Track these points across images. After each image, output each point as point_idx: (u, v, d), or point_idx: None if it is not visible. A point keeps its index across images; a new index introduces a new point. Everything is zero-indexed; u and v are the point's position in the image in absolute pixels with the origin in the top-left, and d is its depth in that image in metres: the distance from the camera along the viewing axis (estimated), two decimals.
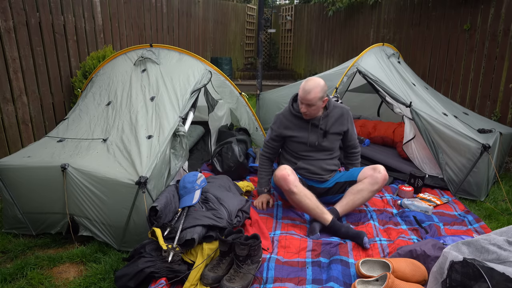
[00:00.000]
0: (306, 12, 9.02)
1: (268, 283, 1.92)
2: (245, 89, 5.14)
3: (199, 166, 3.48)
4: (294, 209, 2.76)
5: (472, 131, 3.10)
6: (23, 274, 2.02)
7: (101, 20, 4.33)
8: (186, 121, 2.69)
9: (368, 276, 1.91)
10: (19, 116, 3.41)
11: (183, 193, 2.32)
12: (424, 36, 5.23)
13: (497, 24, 4.11)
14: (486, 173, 2.91)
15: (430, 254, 1.93)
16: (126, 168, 2.20)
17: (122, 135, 2.48)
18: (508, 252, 1.48)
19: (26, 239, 2.35)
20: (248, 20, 10.17)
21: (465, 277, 1.43)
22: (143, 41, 5.30)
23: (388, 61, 3.68)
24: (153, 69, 2.92)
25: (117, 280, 1.85)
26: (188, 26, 6.88)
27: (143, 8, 5.26)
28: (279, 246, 2.26)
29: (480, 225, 2.53)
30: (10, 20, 3.24)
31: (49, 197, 2.28)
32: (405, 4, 5.63)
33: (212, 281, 1.87)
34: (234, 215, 2.30)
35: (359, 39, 7.01)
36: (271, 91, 4.67)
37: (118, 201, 2.16)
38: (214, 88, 3.31)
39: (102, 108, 2.81)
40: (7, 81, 3.27)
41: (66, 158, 2.28)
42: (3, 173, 2.32)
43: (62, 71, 3.83)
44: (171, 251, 1.89)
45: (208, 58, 7.87)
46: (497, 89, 4.14)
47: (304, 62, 9.29)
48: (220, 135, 3.89)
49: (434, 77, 5.07)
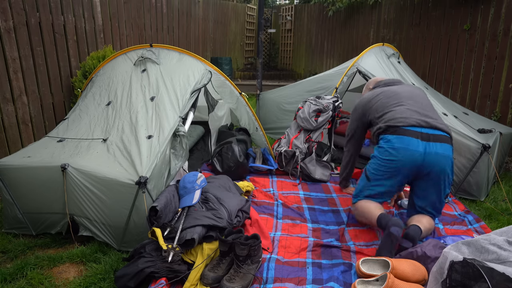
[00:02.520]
0: (306, 12, 9.02)
1: (268, 283, 1.92)
2: (245, 89, 5.14)
3: (199, 166, 3.48)
4: (294, 209, 2.76)
5: (472, 131, 3.10)
6: (23, 274, 2.02)
7: (101, 20, 4.33)
8: (186, 121, 2.69)
9: (369, 275, 1.91)
10: (19, 116, 3.41)
11: (183, 193, 2.32)
12: (424, 36, 5.23)
13: (497, 24, 4.11)
14: (486, 173, 2.91)
15: (431, 255, 1.93)
16: (126, 168, 2.20)
17: (122, 135, 2.48)
18: (508, 252, 1.48)
19: (26, 239, 2.35)
20: (248, 20, 10.17)
21: (465, 277, 1.43)
22: (143, 41, 5.30)
23: (388, 61, 3.68)
24: (153, 69, 2.92)
25: (117, 280, 1.85)
26: (188, 26, 6.88)
27: (143, 8, 5.26)
28: (279, 246, 2.26)
29: (480, 225, 2.53)
30: (10, 20, 3.24)
31: (49, 197, 2.28)
32: (405, 4, 5.63)
33: (212, 281, 1.87)
34: (234, 215, 2.30)
35: (359, 39, 7.01)
36: (271, 91, 4.67)
37: (118, 201, 2.16)
38: (214, 88, 3.31)
39: (102, 108, 2.81)
40: (7, 81, 3.27)
41: (66, 158, 2.28)
42: (3, 173, 2.32)
43: (62, 71, 3.83)
44: (171, 251, 1.89)
45: (208, 58, 7.87)
46: (497, 89, 4.14)
47: (304, 62, 9.29)
48: (220, 135, 3.89)
49: (434, 77, 5.07)
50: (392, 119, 2.33)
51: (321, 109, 3.45)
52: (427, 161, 2.20)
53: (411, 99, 2.44)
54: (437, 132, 2.25)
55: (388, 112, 2.40)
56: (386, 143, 2.29)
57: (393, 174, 2.27)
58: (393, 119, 2.33)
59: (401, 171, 2.24)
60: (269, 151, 3.57)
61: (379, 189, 2.34)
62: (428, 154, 2.19)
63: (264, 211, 2.70)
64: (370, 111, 2.55)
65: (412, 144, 2.20)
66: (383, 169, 2.29)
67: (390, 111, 2.40)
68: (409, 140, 2.21)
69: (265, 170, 3.45)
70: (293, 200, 2.91)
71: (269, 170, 3.46)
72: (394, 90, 2.56)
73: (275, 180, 3.32)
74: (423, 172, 2.23)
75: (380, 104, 2.50)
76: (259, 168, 3.42)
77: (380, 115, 2.45)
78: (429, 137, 2.22)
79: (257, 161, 3.53)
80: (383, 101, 2.50)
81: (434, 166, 2.20)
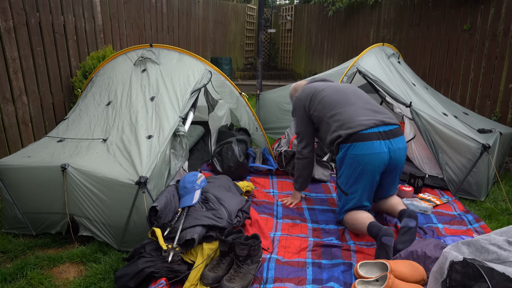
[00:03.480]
0: (306, 12, 9.02)
1: (268, 283, 1.92)
2: (245, 89, 5.14)
3: (199, 166, 3.48)
4: (294, 208, 2.76)
5: (472, 131, 3.11)
6: (23, 274, 2.02)
7: (101, 20, 4.33)
8: (186, 121, 2.69)
9: (367, 278, 1.91)
10: (19, 116, 3.41)
11: (183, 193, 2.32)
12: (424, 36, 5.23)
13: (497, 24, 4.11)
14: (486, 173, 2.91)
15: (431, 255, 1.93)
16: (126, 168, 2.20)
17: (122, 135, 2.48)
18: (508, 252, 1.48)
19: (26, 239, 2.35)
20: (248, 20, 10.17)
21: (465, 277, 1.42)
22: (143, 41, 5.30)
23: (388, 61, 3.68)
24: (153, 69, 2.92)
25: (117, 280, 1.85)
26: (188, 26, 6.88)
27: (143, 8, 5.26)
28: (279, 246, 2.26)
29: (480, 225, 2.53)
30: (10, 20, 3.24)
31: (49, 197, 2.28)
32: (405, 4, 5.63)
33: (212, 281, 1.87)
34: (234, 215, 2.30)
35: (359, 39, 7.01)
36: (271, 91, 4.67)
37: (118, 201, 2.16)
38: (214, 88, 3.31)
39: (102, 108, 2.81)
40: (7, 81, 3.27)
41: (66, 158, 2.28)
42: (3, 173, 2.32)
43: (62, 71, 3.83)
44: (171, 251, 1.89)
45: (208, 58, 7.87)
46: (497, 89, 4.14)
47: (304, 62, 9.29)
48: (220, 135, 3.89)
49: (434, 77, 5.07)
50: (349, 123, 2.30)
51: None
52: (393, 157, 2.30)
53: (355, 95, 2.47)
54: (391, 127, 2.33)
55: (341, 113, 2.37)
56: (352, 151, 2.27)
57: (363, 176, 2.29)
58: (349, 123, 2.30)
59: (371, 172, 2.28)
60: (269, 151, 3.57)
61: (357, 196, 2.35)
62: (392, 151, 2.29)
63: (264, 211, 2.70)
64: (316, 107, 2.49)
65: (376, 147, 2.24)
66: (354, 175, 2.31)
67: (342, 111, 2.37)
68: (372, 144, 2.24)
69: (265, 170, 3.45)
70: None
71: (269, 170, 3.46)
72: (334, 86, 2.56)
73: (275, 180, 3.32)
74: (390, 167, 2.35)
75: (328, 100, 2.45)
76: (259, 168, 3.42)
77: (333, 114, 2.40)
78: (387, 134, 2.29)
79: (257, 161, 3.53)
80: (331, 97, 2.46)
81: (400, 160, 2.34)
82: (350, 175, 2.32)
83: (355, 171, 2.29)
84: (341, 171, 2.38)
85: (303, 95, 2.61)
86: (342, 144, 2.31)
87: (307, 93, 2.59)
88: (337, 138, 2.32)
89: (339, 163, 2.37)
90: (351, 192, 2.35)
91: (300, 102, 2.61)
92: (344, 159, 2.32)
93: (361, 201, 2.35)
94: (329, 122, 2.40)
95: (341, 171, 2.38)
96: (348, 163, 2.30)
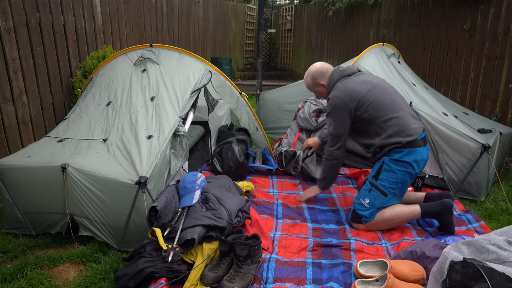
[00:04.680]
0: (306, 12, 9.02)
1: (268, 283, 1.92)
2: (245, 89, 5.14)
3: (199, 166, 3.48)
4: (294, 208, 2.76)
5: (472, 131, 3.10)
6: (23, 274, 2.02)
7: (101, 20, 4.33)
8: (186, 121, 2.69)
9: (367, 277, 1.91)
10: (19, 116, 3.41)
11: (183, 193, 2.32)
12: (424, 36, 5.23)
13: (497, 24, 4.11)
14: (486, 173, 2.91)
15: (431, 255, 1.93)
16: (126, 168, 2.20)
17: (122, 135, 2.48)
18: (508, 252, 1.48)
19: (26, 239, 2.35)
20: (248, 20, 10.17)
21: (465, 277, 1.42)
22: (143, 41, 5.30)
23: (388, 61, 3.68)
24: (153, 69, 2.92)
25: (117, 280, 1.85)
26: (188, 26, 6.88)
27: (143, 8, 5.26)
28: (279, 246, 2.26)
29: (480, 224, 2.53)
30: (10, 20, 3.24)
31: (49, 197, 2.28)
32: (405, 4, 5.63)
33: (212, 281, 1.87)
34: (234, 215, 2.30)
35: (359, 39, 7.01)
36: (271, 91, 4.67)
37: (118, 201, 2.16)
38: (214, 88, 3.30)
39: (102, 108, 2.81)
40: (7, 81, 3.27)
41: (66, 158, 2.28)
42: (3, 173, 2.32)
43: (62, 71, 3.83)
44: (171, 251, 1.89)
45: (208, 58, 7.87)
46: (497, 89, 4.13)
47: (304, 62, 9.29)
48: (220, 135, 3.89)
49: (434, 77, 5.06)
50: (407, 130, 2.39)
51: (322, 109, 3.45)
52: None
53: (398, 97, 2.53)
54: (424, 133, 2.49)
55: (397, 118, 2.41)
56: (409, 157, 2.38)
57: (411, 179, 2.46)
58: (408, 130, 2.39)
59: (415, 175, 2.46)
60: (269, 151, 3.57)
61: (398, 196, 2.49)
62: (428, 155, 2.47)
63: (264, 211, 2.70)
64: (366, 108, 2.42)
65: (425, 153, 2.43)
66: (405, 178, 2.42)
67: (397, 116, 2.41)
68: (423, 150, 2.41)
69: (265, 170, 3.45)
70: (293, 200, 2.91)
71: (269, 170, 3.46)
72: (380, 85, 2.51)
73: (275, 180, 3.32)
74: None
75: (381, 103, 2.42)
76: (259, 168, 3.42)
77: (388, 118, 2.40)
78: (424, 141, 2.46)
79: (257, 161, 3.53)
80: (381, 99, 2.43)
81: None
82: (400, 178, 2.41)
83: (406, 174, 2.41)
84: (386, 174, 2.43)
85: (347, 97, 2.44)
86: (398, 149, 2.40)
87: (352, 96, 2.45)
88: (395, 143, 2.39)
89: (387, 166, 2.42)
90: (393, 193, 2.44)
91: (345, 105, 2.46)
92: (397, 163, 2.40)
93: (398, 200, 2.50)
94: (383, 126, 2.42)
95: (386, 174, 2.43)
96: (401, 167, 2.40)
